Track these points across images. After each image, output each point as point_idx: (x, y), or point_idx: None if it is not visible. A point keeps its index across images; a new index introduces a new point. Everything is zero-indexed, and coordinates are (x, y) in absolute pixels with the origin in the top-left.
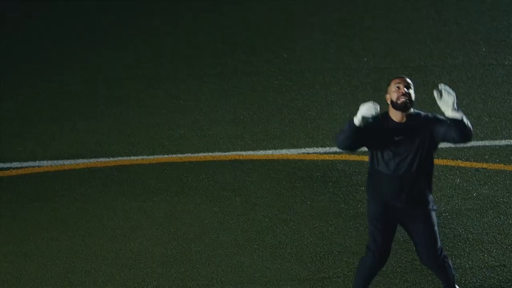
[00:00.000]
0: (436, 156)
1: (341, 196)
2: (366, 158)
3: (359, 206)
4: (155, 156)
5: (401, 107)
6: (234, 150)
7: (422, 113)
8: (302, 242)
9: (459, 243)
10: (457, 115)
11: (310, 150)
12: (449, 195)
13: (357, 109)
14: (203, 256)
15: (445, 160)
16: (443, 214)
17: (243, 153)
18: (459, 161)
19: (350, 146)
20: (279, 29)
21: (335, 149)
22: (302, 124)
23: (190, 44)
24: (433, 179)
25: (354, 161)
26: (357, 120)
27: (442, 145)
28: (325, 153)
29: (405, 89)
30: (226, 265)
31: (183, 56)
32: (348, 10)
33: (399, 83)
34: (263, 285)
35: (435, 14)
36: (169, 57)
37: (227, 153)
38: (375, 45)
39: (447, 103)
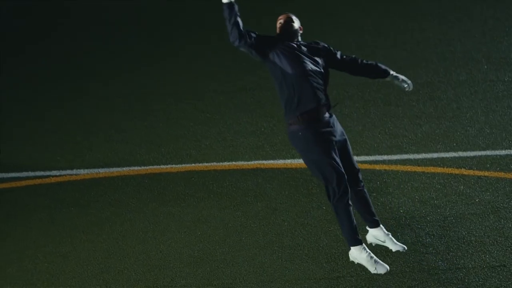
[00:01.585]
0: (440, 164)
1: None
2: (377, 167)
3: None
4: (183, 165)
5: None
6: (255, 159)
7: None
8: (318, 244)
9: (462, 245)
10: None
11: None
12: (454, 201)
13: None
14: (227, 257)
15: (450, 169)
16: (448, 219)
17: (264, 162)
18: (462, 169)
19: (240, 32)
20: None
21: None
22: None
23: (216, 63)
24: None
25: (366, 169)
26: None
27: (447, 154)
28: None
29: (285, 23)
30: (249, 265)
31: (209, 73)
32: (361, 32)
33: (281, 19)
34: (282, 283)
35: (440, 34)
36: (197, 74)
37: (249, 162)
38: (385, 63)
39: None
